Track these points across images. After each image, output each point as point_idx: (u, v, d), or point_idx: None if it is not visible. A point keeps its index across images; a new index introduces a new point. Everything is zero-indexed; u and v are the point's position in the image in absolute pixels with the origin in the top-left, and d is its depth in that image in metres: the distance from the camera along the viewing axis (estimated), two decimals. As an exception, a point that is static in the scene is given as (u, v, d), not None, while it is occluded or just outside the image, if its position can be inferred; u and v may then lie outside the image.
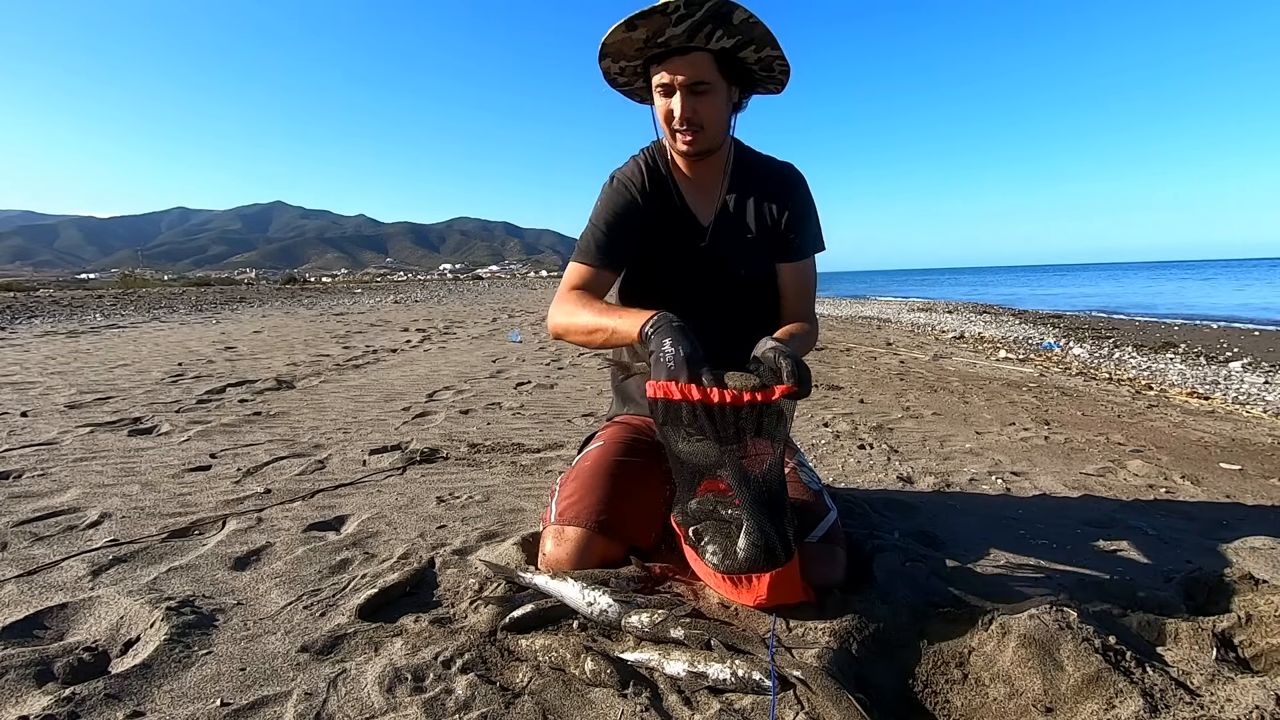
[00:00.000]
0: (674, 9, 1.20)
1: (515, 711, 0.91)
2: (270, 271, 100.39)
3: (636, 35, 1.26)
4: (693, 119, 1.32)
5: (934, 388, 4.02)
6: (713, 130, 1.35)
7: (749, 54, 1.31)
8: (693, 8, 1.19)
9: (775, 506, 1.09)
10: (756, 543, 1.06)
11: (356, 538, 1.55)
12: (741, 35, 1.26)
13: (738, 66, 1.34)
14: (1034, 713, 0.90)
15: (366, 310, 11.70)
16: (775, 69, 1.37)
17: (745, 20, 1.24)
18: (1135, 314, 13.72)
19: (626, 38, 1.27)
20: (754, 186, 1.48)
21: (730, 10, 1.22)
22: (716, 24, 1.23)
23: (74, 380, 3.81)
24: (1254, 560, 1.48)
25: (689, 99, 1.30)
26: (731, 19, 1.23)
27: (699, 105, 1.31)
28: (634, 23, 1.24)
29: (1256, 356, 6.29)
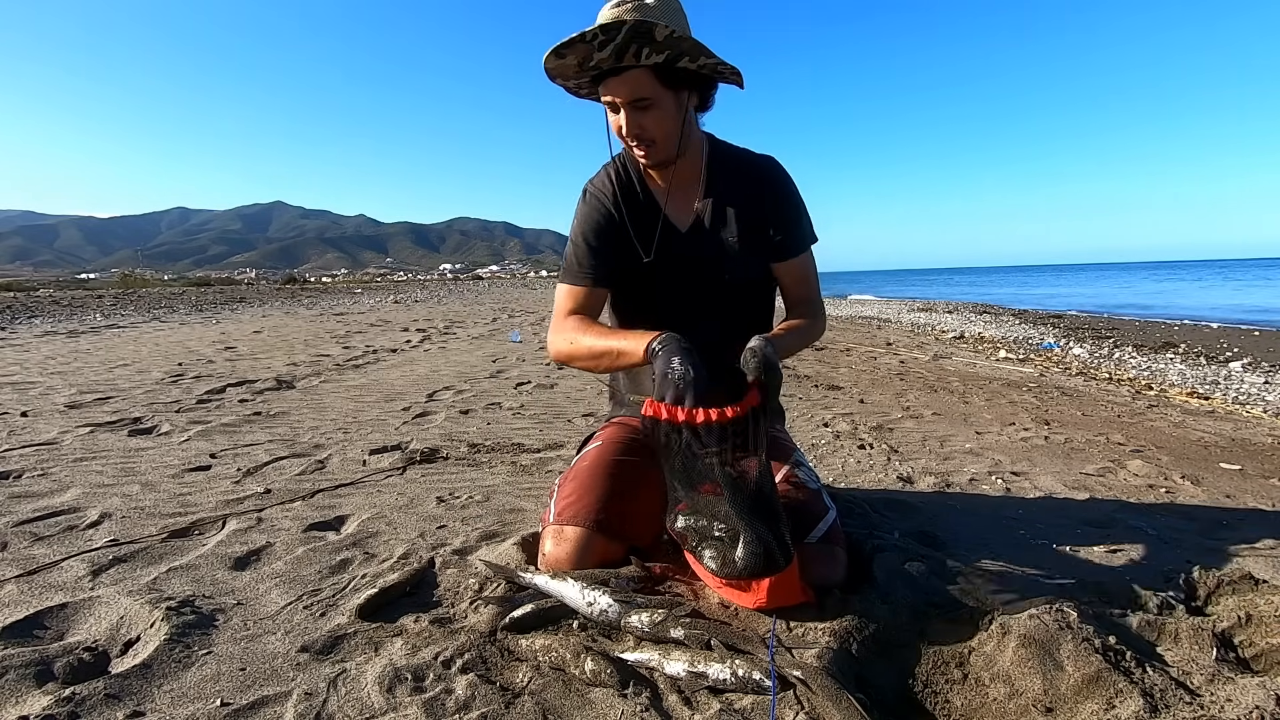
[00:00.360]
0: (593, 36, 1.18)
1: (515, 711, 0.91)
2: (270, 271, 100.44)
3: (568, 62, 1.26)
4: (641, 135, 1.30)
5: (934, 388, 4.02)
6: (666, 142, 1.33)
7: (686, 64, 1.27)
8: (611, 33, 1.17)
9: (769, 512, 1.09)
10: (755, 550, 1.06)
11: (356, 538, 1.55)
12: (670, 50, 1.22)
13: (680, 75, 1.29)
14: (1034, 713, 0.90)
15: (366, 310, 11.71)
16: (723, 72, 1.33)
17: (668, 36, 1.19)
18: (1126, 315, 13.71)
19: (561, 64, 1.27)
20: (734, 186, 1.44)
21: (650, 29, 1.17)
22: (641, 43, 1.20)
23: (74, 380, 3.81)
24: (1254, 560, 1.48)
25: (633, 115, 1.29)
26: (654, 36, 1.18)
27: (645, 120, 1.29)
28: (561, 51, 1.23)
29: (1256, 356, 6.29)
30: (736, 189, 1.44)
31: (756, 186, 1.44)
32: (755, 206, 1.43)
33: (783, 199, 1.45)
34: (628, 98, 1.27)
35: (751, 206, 1.43)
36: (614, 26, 1.17)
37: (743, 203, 1.43)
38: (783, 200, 1.45)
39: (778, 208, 1.44)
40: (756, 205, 1.43)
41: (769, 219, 1.44)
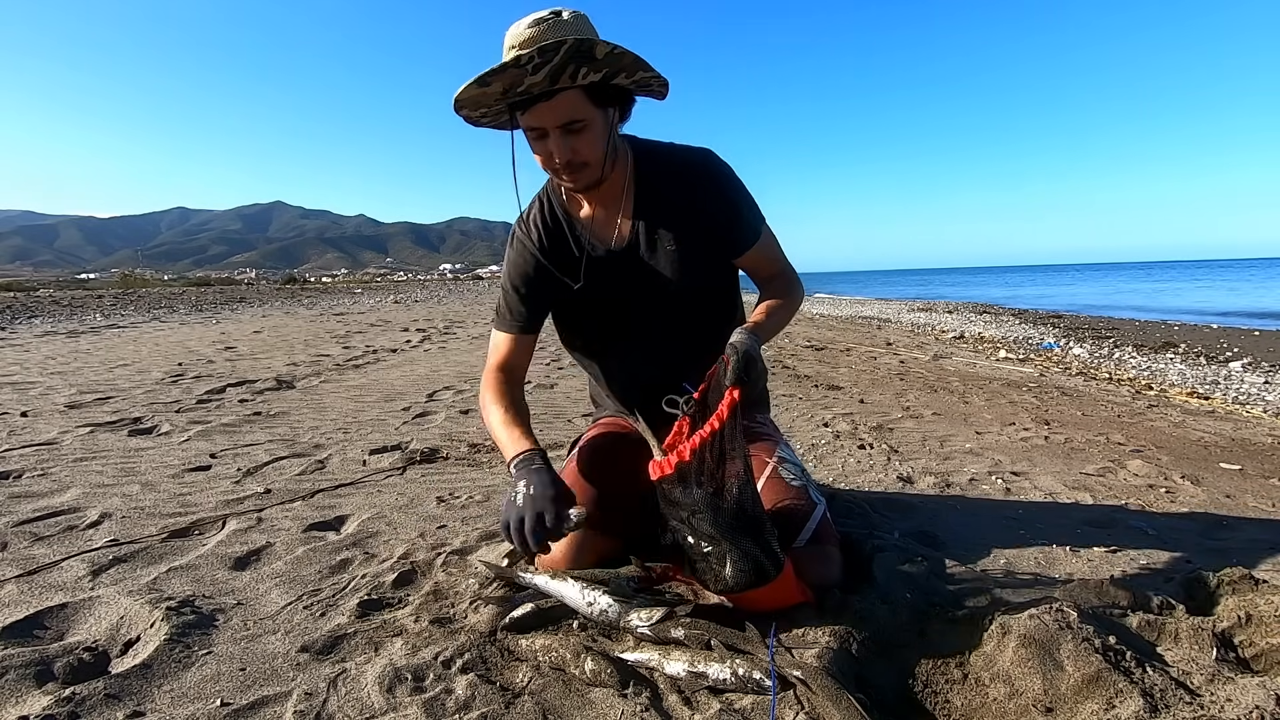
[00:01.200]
0: (527, 60, 1.08)
1: (515, 711, 0.91)
2: (270, 271, 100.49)
3: (492, 90, 1.15)
4: (574, 160, 1.21)
5: (934, 388, 4.02)
6: (596, 164, 1.25)
7: (621, 80, 1.20)
8: (548, 54, 1.08)
9: (753, 524, 1.07)
10: (742, 568, 1.06)
11: (356, 538, 1.55)
12: (609, 67, 1.15)
13: (611, 92, 1.22)
14: (1034, 713, 0.90)
15: (366, 310, 11.71)
16: (654, 85, 1.25)
17: (610, 53, 1.12)
18: (1124, 315, 13.71)
19: (481, 93, 1.16)
20: (666, 193, 1.36)
21: (590, 48, 1.10)
22: (579, 63, 1.11)
23: (74, 380, 3.81)
24: (1254, 560, 1.48)
25: (565, 140, 1.19)
26: (594, 54, 1.11)
27: (578, 144, 1.20)
28: (486, 80, 1.12)
29: (1256, 356, 6.29)
30: (669, 195, 1.36)
31: (690, 188, 1.36)
32: (692, 210, 1.35)
33: (722, 195, 1.37)
34: (559, 121, 1.18)
35: (688, 211, 1.36)
36: (552, 47, 1.07)
37: (678, 209, 1.36)
38: (722, 196, 1.37)
39: (718, 206, 1.36)
40: (694, 209, 1.35)
41: (711, 219, 1.36)
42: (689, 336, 1.42)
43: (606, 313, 1.42)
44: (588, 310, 1.44)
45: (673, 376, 1.29)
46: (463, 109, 1.23)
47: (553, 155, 1.21)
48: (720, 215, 1.37)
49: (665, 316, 1.41)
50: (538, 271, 1.40)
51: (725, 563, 1.07)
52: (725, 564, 1.07)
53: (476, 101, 1.20)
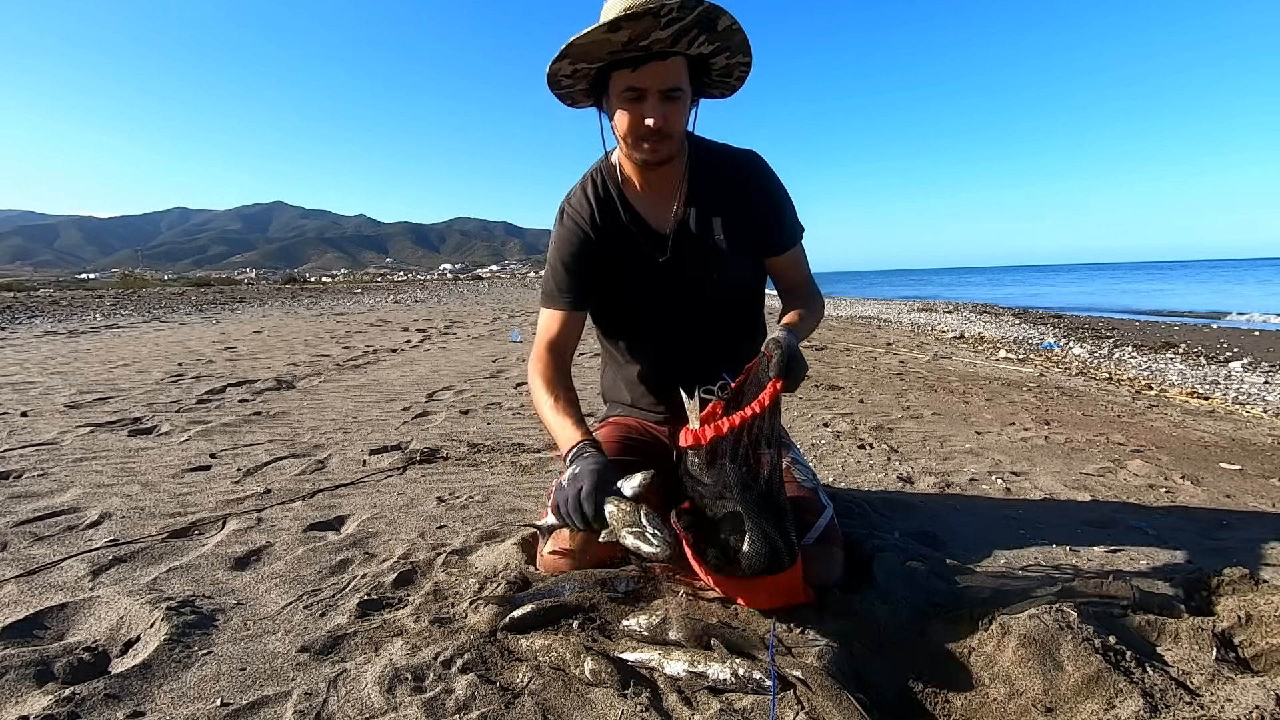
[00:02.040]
0: (666, 11, 1.12)
1: (515, 711, 0.91)
2: (270, 271, 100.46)
3: (617, 38, 1.16)
4: (664, 128, 1.24)
5: (934, 388, 4.02)
6: (678, 139, 1.30)
7: (720, 60, 1.26)
8: (685, 12, 1.13)
9: (777, 511, 1.09)
10: (760, 550, 1.05)
11: (356, 538, 1.55)
12: (721, 42, 1.21)
13: (700, 73, 1.29)
14: (1034, 713, 0.90)
15: (366, 310, 11.70)
16: (734, 75, 1.32)
17: (728, 27, 1.18)
18: (1122, 315, 13.71)
19: (604, 39, 1.17)
20: (717, 187, 1.41)
21: (716, 16, 1.16)
22: (702, 29, 1.17)
23: (74, 380, 3.81)
24: (1254, 560, 1.48)
25: (662, 106, 1.23)
26: (716, 25, 1.17)
27: (669, 112, 1.24)
28: (619, 24, 1.13)
29: (1256, 356, 6.29)
30: (719, 189, 1.41)
31: (740, 185, 1.41)
32: (740, 205, 1.41)
33: (768, 195, 1.43)
34: (664, 84, 1.22)
35: (736, 206, 1.41)
36: (691, 3, 1.12)
37: (727, 203, 1.41)
38: (768, 196, 1.43)
39: (764, 204, 1.42)
40: (741, 204, 1.41)
41: (755, 217, 1.42)
42: (721, 330, 1.45)
43: (648, 296, 1.44)
44: (632, 292, 1.44)
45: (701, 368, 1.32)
46: (564, 58, 1.22)
47: (643, 119, 1.24)
48: (765, 213, 1.43)
49: (703, 306, 1.44)
50: (587, 247, 1.40)
51: (744, 542, 1.07)
52: (744, 543, 1.07)
53: (587, 52, 1.21)
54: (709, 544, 1.13)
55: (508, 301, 15.63)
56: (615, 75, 1.24)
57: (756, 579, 1.08)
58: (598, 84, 1.29)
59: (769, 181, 1.43)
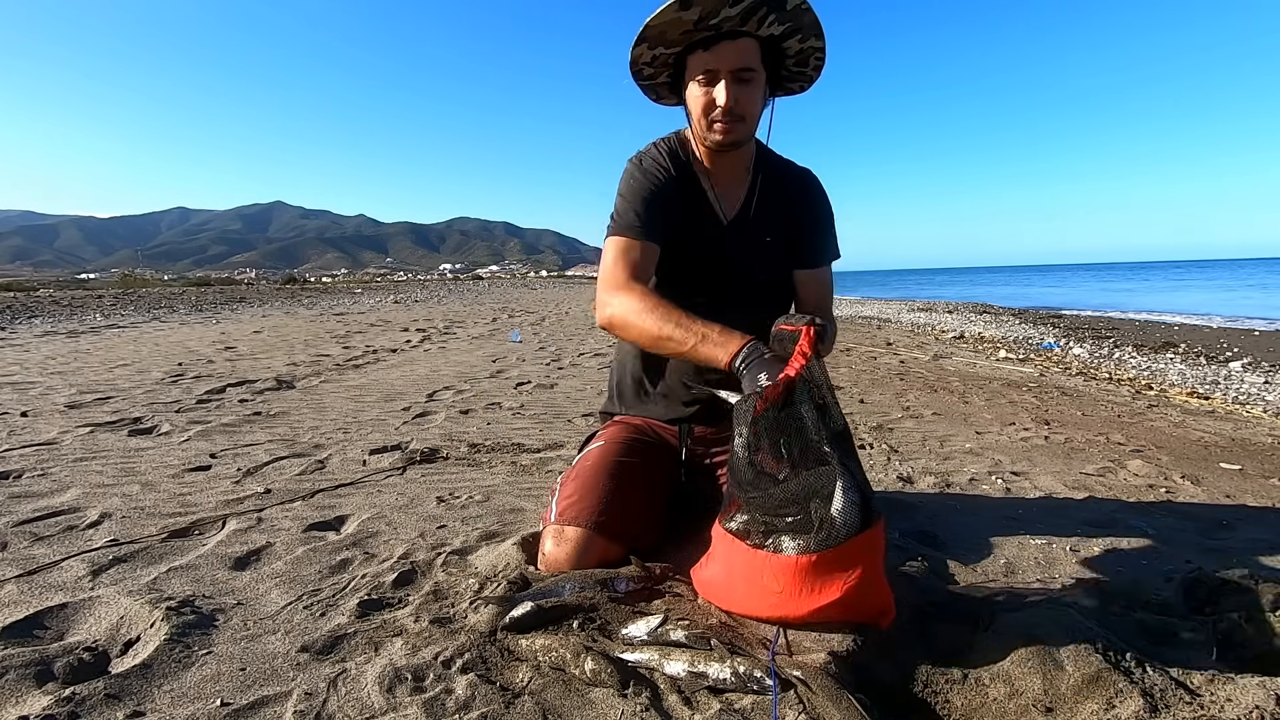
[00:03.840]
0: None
1: (515, 711, 0.91)
2: (270, 271, 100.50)
3: (688, 16, 1.20)
4: (735, 108, 1.27)
5: (934, 388, 4.02)
6: (751, 122, 1.32)
7: (792, 44, 1.28)
8: None
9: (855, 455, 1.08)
10: (853, 499, 0.98)
11: (356, 538, 1.55)
12: (792, 22, 1.23)
13: (776, 58, 1.30)
14: (1034, 713, 0.90)
15: (366, 310, 11.70)
16: (810, 63, 1.34)
17: (797, 7, 1.21)
18: (1121, 315, 13.71)
19: (677, 18, 1.21)
20: (775, 190, 1.46)
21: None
22: (770, 8, 1.19)
23: (74, 380, 3.81)
24: (1254, 560, 1.48)
25: (734, 87, 1.25)
26: (785, 4, 1.20)
27: (742, 95, 1.27)
28: (690, 1, 1.17)
29: (1256, 356, 6.29)
30: (779, 191, 1.46)
31: (796, 194, 1.47)
32: (793, 214, 1.46)
33: (818, 209, 1.49)
34: (736, 64, 1.24)
35: (789, 211, 1.46)
36: None
37: (782, 207, 1.45)
38: (818, 211, 1.48)
39: (813, 217, 1.48)
40: (794, 213, 1.46)
41: (803, 226, 1.47)
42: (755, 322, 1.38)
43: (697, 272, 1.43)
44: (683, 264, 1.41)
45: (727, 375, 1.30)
46: (643, 43, 1.27)
47: (715, 101, 1.27)
48: (813, 225, 1.48)
49: (743, 296, 1.44)
50: (665, 189, 1.37)
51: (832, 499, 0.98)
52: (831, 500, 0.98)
53: (663, 34, 1.24)
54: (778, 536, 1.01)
55: (508, 301, 15.63)
56: (690, 59, 1.28)
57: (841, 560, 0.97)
58: (677, 72, 1.33)
59: (822, 199, 1.50)
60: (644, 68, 1.35)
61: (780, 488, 1.03)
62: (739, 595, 1.07)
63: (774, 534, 1.02)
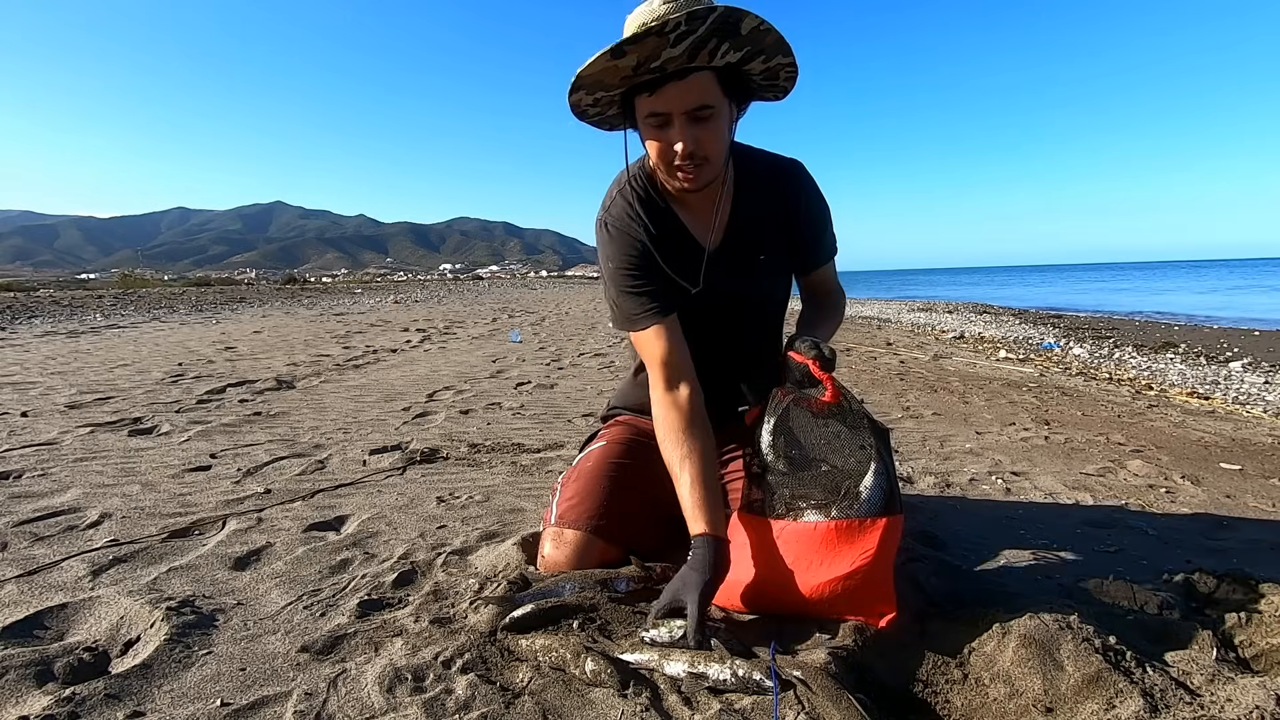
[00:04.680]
0: (672, 28, 1.00)
1: (515, 711, 0.91)
2: (270, 271, 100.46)
3: (624, 64, 1.05)
4: (696, 152, 1.12)
5: (934, 388, 4.02)
6: (717, 160, 1.17)
7: (756, 65, 1.12)
8: (695, 23, 1.00)
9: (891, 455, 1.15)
10: (882, 484, 1.07)
11: (356, 538, 1.55)
12: (751, 46, 1.08)
13: (740, 79, 1.15)
14: (1034, 713, 0.90)
15: (366, 310, 11.70)
16: (780, 77, 1.18)
17: (756, 29, 1.04)
18: (1121, 315, 13.71)
19: (610, 67, 1.06)
20: (761, 201, 1.33)
21: (738, 20, 1.02)
22: (722, 37, 1.04)
23: (74, 380, 3.81)
24: (1254, 560, 1.48)
25: (690, 129, 1.11)
26: (739, 29, 1.04)
27: (702, 135, 1.12)
28: (622, 49, 1.03)
29: (1256, 356, 6.29)
30: (764, 201, 1.33)
31: (784, 200, 1.33)
32: (782, 222, 1.34)
33: (812, 213, 1.36)
34: (689, 105, 1.09)
35: (779, 222, 1.33)
36: (702, 14, 0.99)
37: (770, 219, 1.33)
38: (812, 214, 1.36)
39: (807, 223, 1.35)
40: (784, 220, 1.34)
41: (797, 234, 1.35)
42: (748, 343, 1.40)
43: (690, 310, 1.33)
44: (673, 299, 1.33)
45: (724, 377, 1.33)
46: (579, 90, 1.12)
47: (671, 145, 1.12)
48: (807, 230, 1.36)
49: (735, 320, 1.37)
50: (646, 257, 1.27)
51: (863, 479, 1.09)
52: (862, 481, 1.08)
53: (599, 81, 1.09)
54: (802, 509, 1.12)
55: (508, 302, 15.63)
56: (637, 101, 1.13)
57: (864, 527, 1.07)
58: (626, 108, 1.18)
59: (814, 198, 1.35)
60: (588, 109, 1.19)
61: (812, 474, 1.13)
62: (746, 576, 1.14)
63: (797, 508, 1.12)
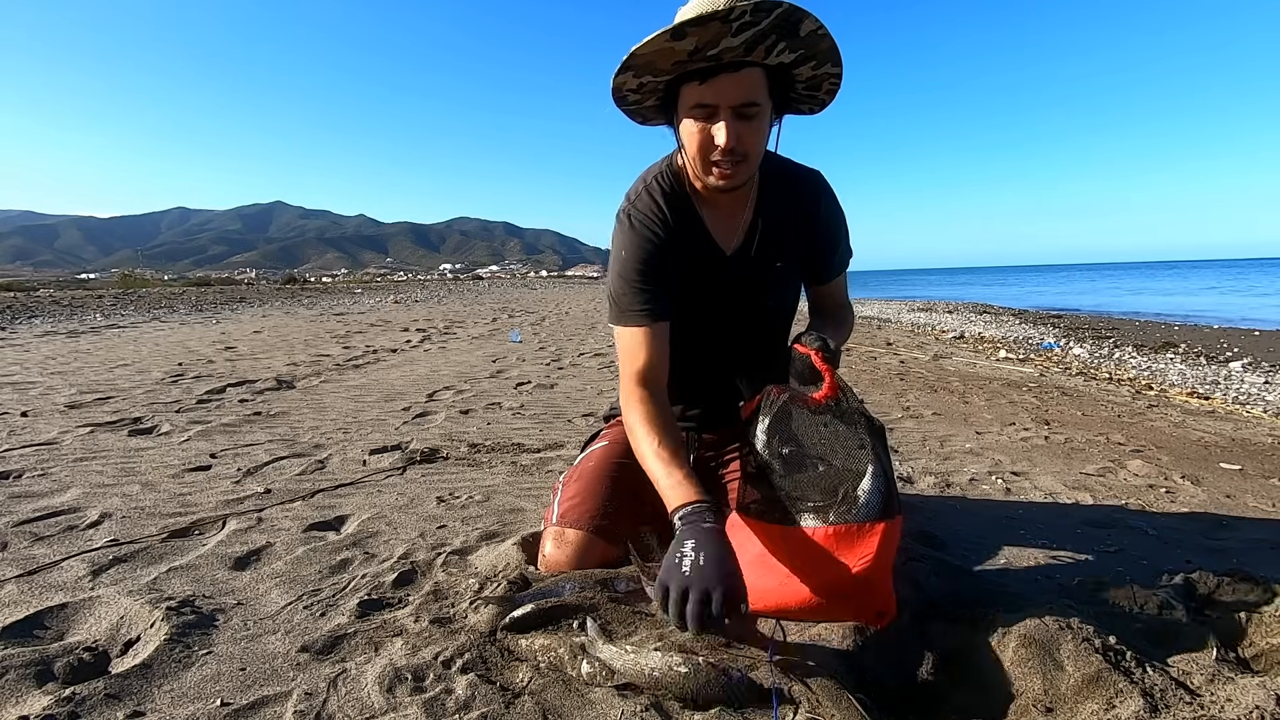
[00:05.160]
0: (737, 16, 0.98)
1: (515, 711, 0.91)
2: (270, 271, 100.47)
3: (682, 46, 1.04)
4: (737, 148, 1.11)
5: (934, 388, 4.02)
6: (754, 161, 1.17)
7: (804, 70, 1.12)
8: (759, 15, 0.99)
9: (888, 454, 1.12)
10: (880, 487, 1.03)
11: (356, 538, 1.55)
12: (805, 50, 1.07)
13: (785, 84, 1.15)
14: (1034, 713, 0.90)
15: (366, 310, 11.70)
16: (822, 88, 1.18)
17: (813, 32, 1.04)
18: (1120, 315, 13.71)
19: (668, 48, 1.04)
20: (783, 208, 1.32)
21: (799, 20, 1.02)
22: (780, 35, 1.03)
23: (74, 380, 3.81)
24: (1254, 560, 1.48)
25: (735, 125, 1.10)
26: (798, 30, 1.03)
27: (745, 132, 1.11)
28: (683, 30, 1.01)
29: (1256, 356, 6.29)
30: (785, 209, 1.32)
31: (805, 206, 1.33)
32: (803, 232, 1.33)
33: (831, 225, 1.36)
34: (738, 100, 1.08)
35: (799, 232, 1.33)
36: (767, 6, 0.98)
37: (791, 227, 1.33)
38: (831, 226, 1.36)
39: (827, 229, 1.35)
40: (804, 230, 1.33)
41: (817, 240, 1.35)
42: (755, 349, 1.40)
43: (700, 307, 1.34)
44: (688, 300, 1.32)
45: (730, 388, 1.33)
46: (628, 70, 1.09)
47: (713, 139, 1.11)
48: (825, 240, 1.36)
49: (746, 328, 1.37)
50: (664, 253, 1.26)
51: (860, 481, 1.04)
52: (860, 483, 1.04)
53: (651, 63, 1.08)
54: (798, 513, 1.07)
55: (508, 301, 15.63)
56: (684, 89, 1.11)
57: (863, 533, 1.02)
58: (668, 99, 1.16)
59: (834, 206, 1.36)
60: (628, 94, 1.17)
61: (809, 475, 1.09)
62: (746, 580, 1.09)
63: (794, 511, 1.08)
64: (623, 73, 1.11)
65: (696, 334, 1.37)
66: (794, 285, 1.41)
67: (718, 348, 1.39)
